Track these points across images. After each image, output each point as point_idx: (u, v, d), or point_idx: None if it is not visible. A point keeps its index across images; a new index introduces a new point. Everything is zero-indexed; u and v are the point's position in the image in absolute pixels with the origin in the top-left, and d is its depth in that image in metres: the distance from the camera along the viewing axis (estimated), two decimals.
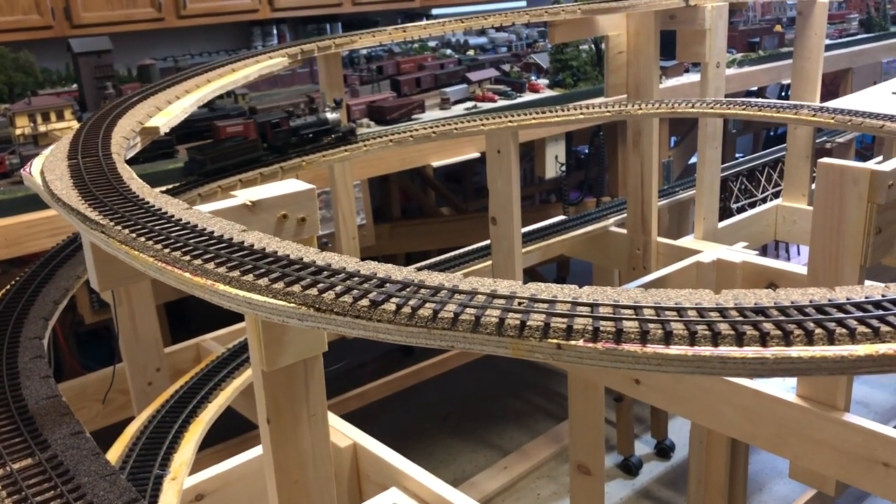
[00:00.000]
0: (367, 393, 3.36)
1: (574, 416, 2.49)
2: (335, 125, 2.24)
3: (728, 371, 0.73)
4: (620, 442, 3.92)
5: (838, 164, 1.72)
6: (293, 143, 2.18)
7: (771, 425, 1.93)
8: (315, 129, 2.22)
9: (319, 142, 2.21)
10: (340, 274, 0.87)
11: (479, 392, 4.47)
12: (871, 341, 0.74)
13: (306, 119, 2.21)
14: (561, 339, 0.75)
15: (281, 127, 2.18)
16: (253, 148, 2.15)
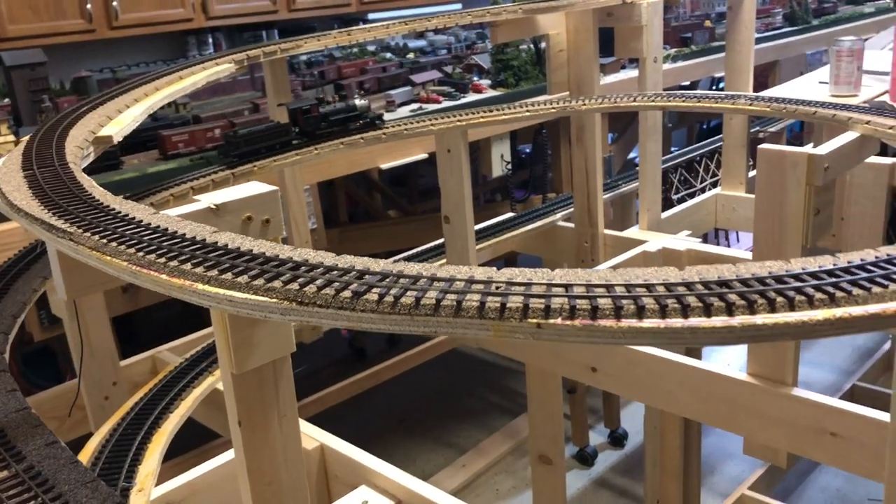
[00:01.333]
0: (326, 397, 3.36)
1: (533, 406, 2.53)
2: (363, 111, 2.35)
3: (699, 340, 0.77)
4: (575, 433, 3.99)
5: (778, 150, 1.80)
6: (323, 128, 2.30)
7: (724, 404, 2.00)
8: (344, 115, 2.33)
9: (348, 127, 2.33)
10: (319, 268, 0.88)
11: (435, 392, 4.50)
12: (827, 307, 0.80)
13: (336, 106, 2.35)
14: (540, 319, 0.78)
15: (311, 113, 2.29)
16: (285, 132, 2.26)
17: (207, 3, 4.67)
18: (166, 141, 2.72)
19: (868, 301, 0.80)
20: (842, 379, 4.37)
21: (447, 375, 4.59)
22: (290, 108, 2.29)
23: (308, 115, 2.29)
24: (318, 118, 2.30)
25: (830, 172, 1.76)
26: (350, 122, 2.35)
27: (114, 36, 4.46)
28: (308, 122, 2.29)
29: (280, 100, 2.49)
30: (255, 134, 2.22)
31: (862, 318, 0.78)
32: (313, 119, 2.29)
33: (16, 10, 4.02)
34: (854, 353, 4.76)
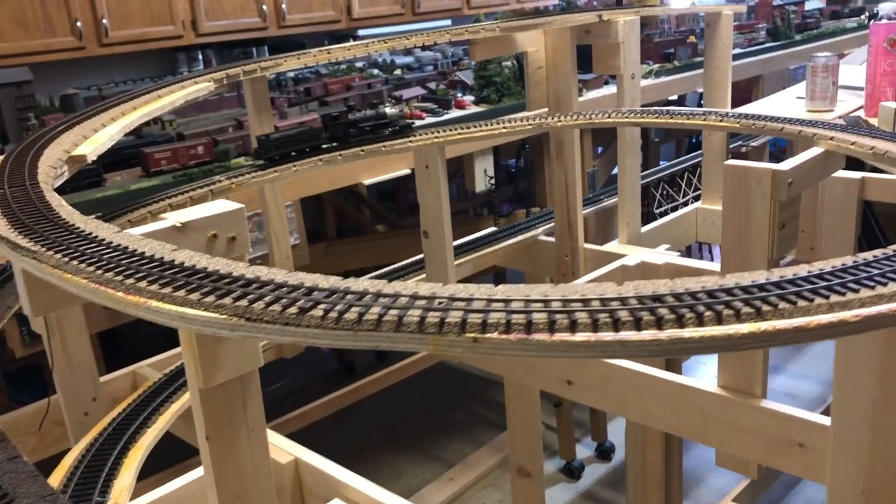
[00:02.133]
0: (309, 413, 3.38)
1: (512, 420, 2.56)
2: (393, 119, 2.44)
3: (628, 353, 0.80)
4: (562, 446, 4.01)
5: (742, 165, 1.84)
6: (352, 134, 2.40)
7: (696, 416, 2.03)
8: (373, 122, 2.42)
9: (377, 134, 2.43)
10: (269, 285, 0.91)
11: (422, 406, 4.51)
12: (754, 320, 0.83)
13: (366, 113, 2.45)
14: (477, 333, 0.81)
15: (340, 119, 2.41)
16: (315, 136, 2.37)
17: (197, 20, 4.71)
18: (149, 158, 2.75)
19: (794, 314, 0.83)
20: (828, 391, 4.40)
21: (435, 389, 4.61)
22: (321, 115, 2.38)
23: (337, 121, 2.40)
24: (346, 124, 2.39)
25: (794, 187, 1.80)
26: (380, 129, 2.43)
27: (104, 53, 4.50)
28: (336, 128, 2.40)
29: (261, 118, 2.53)
30: (287, 137, 2.33)
31: (787, 330, 0.81)
32: (342, 125, 2.39)
33: (5, 28, 4.05)
34: None
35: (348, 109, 2.45)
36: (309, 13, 5.36)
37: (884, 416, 0.98)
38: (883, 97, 2.75)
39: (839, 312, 0.84)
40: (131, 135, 3.15)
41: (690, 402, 2.03)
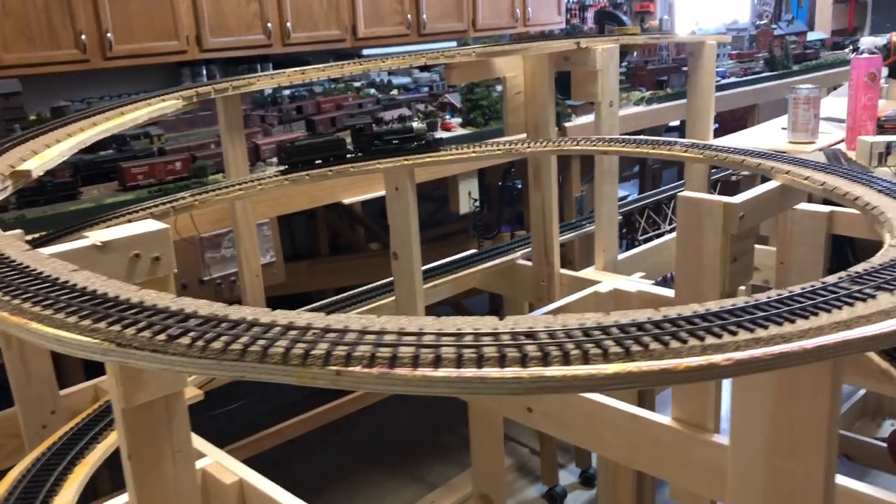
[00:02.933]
0: (284, 430, 3.37)
1: (475, 445, 2.54)
2: (420, 133, 2.45)
3: (489, 390, 0.79)
4: (544, 472, 3.97)
5: (695, 197, 1.82)
6: (376, 146, 2.42)
7: (650, 449, 2.00)
8: (399, 136, 2.44)
9: (403, 147, 2.45)
10: (149, 310, 0.91)
11: (410, 427, 4.49)
12: (622, 360, 0.81)
13: (392, 126, 2.47)
14: (340, 366, 0.81)
15: (364, 132, 2.43)
16: (340, 146, 2.40)
17: (201, 35, 4.76)
18: (125, 173, 2.77)
19: (664, 356, 0.82)
20: None
21: (423, 409, 4.59)
22: (346, 125, 2.46)
23: (361, 133, 2.42)
24: (370, 136, 2.41)
25: (746, 221, 1.78)
26: (406, 143, 2.44)
27: (108, 66, 4.55)
28: (360, 140, 2.42)
29: (233, 136, 2.54)
30: (311, 145, 2.38)
31: (653, 372, 0.80)
32: (366, 137, 2.41)
33: (10, 40, 4.11)
34: None
35: (373, 122, 2.47)
36: (314, 32, 5.40)
37: (777, 461, 0.96)
38: (863, 130, 2.74)
39: (711, 355, 0.82)
40: (112, 149, 3.19)
41: (644, 434, 2.00)
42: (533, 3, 6.36)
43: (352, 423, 4.28)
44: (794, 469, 0.95)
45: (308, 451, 4.21)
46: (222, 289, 2.88)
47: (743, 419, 0.98)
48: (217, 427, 3.58)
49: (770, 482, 0.97)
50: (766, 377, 0.94)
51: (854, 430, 4.27)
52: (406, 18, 5.82)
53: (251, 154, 3.12)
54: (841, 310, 0.91)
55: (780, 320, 0.88)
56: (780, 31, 5.71)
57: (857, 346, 0.85)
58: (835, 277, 1.00)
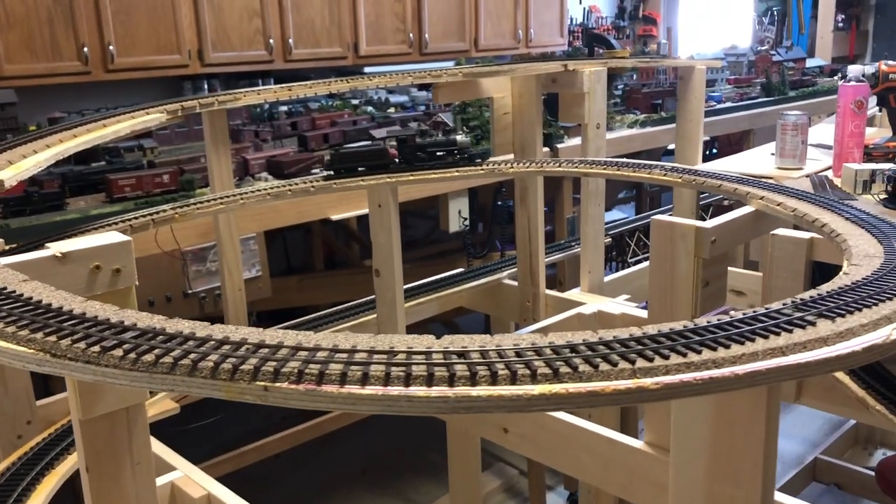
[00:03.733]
0: (266, 446, 3.36)
1: (452, 466, 2.53)
2: (463, 147, 2.47)
3: (414, 409, 0.79)
4: (532, 494, 3.95)
5: (668, 221, 1.82)
6: (419, 157, 2.46)
7: (622, 472, 1.99)
8: (442, 148, 2.47)
9: (445, 159, 2.48)
10: (88, 322, 0.92)
11: (399, 444, 4.47)
12: (549, 381, 0.81)
13: (435, 138, 2.52)
14: (268, 382, 0.81)
15: (407, 143, 2.48)
16: (383, 154, 2.45)
17: (204, 50, 4.78)
18: (113, 184, 2.79)
19: (592, 378, 0.82)
20: (811, 452, 4.31)
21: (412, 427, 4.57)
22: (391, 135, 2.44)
23: (405, 143, 2.46)
24: (413, 148, 2.45)
25: (718, 246, 1.78)
26: (448, 156, 2.46)
27: (109, 79, 4.58)
28: (402, 151, 2.46)
29: (218, 150, 2.56)
30: (357, 153, 2.45)
31: (580, 394, 0.80)
32: (408, 148, 2.45)
33: (13, 51, 4.15)
34: (826, 425, 4.69)
35: (416, 134, 2.49)
36: (316, 49, 5.42)
37: (717, 486, 0.95)
38: (850, 158, 2.74)
39: (640, 379, 0.82)
40: (104, 160, 3.21)
41: (617, 457, 1.99)
42: (535, 25, 6.39)
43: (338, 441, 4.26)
44: (734, 494, 0.94)
45: (294, 468, 4.20)
46: (206, 302, 2.89)
47: (683, 444, 0.98)
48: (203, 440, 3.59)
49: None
50: (704, 402, 0.94)
51: (845, 458, 4.24)
52: (408, 37, 5.85)
53: (240, 169, 3.14)
54: (779, 336, 0.91)
55: (715, 345, 0.88)
56: (778, 57, 5.73)
57: (791, 373, 0.85)
58: (779, 304, 1.00)
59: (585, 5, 7.62)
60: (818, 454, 4.15)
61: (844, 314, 0.97)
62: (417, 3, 5.70)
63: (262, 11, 4.89)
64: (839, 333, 0.92)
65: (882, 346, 0.92)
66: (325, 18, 5.37)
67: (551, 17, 6.57)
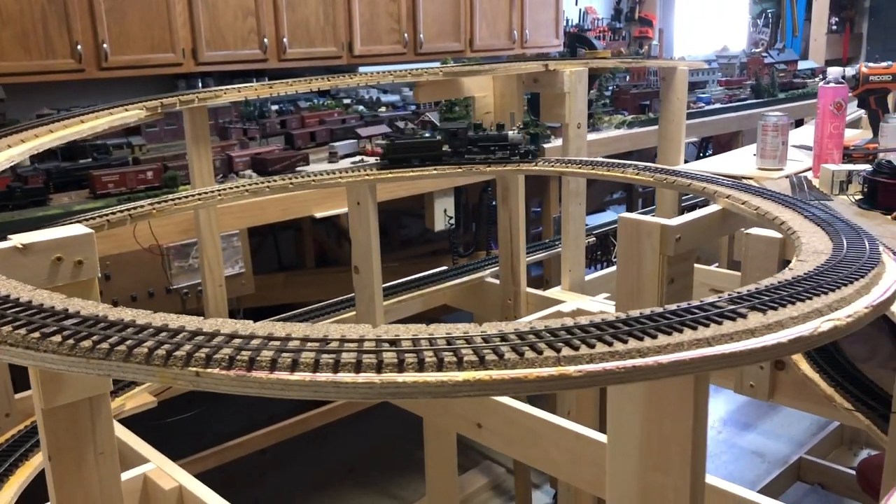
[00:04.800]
0: (251, 442, 3.38)
1: (429, 463, 2.54)
2: (515, 142, 2.46)
3: (342, 394, 0.81)
4: (518, 492, 3.97)
5: (634, 219, 1.84)
6: (469, 150, 2.48)
7: (591, 467, 2.01)
8: (494, 143, 2.46)
9: (494, 154, 2.47)
10: (33, 310, 0.94)
11: (386, 442, 4.49)
12: (475, 369, 0.83)
13: (488, 132, 2.50)
14: (200, 368, 0.83)
15: (458, 136, 2.48)
16: (435, 147, 2.48)
17: (198, 49, 4.79)
18: (96, 181, 2.81)
19: (517, 365, 0.84)
20: (797, 451, 4.33)
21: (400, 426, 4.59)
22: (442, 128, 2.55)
23: (455, 136, 2.47)
24: (463, 140, 2.47)
25: (683, 243, 1.80)
26: (499, 151, 2.46)
27: (103, 77, 4.59)
28: (452, 143, 2.47)
29: (199, 147, 2.58)
30: (410, 144, 2.48)
31: (503, 381, 0.82)
32: (458, 141, 2.47)
33: (7, 48, 4.16)
34: (813, 426, 4.71)
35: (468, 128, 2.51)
36: (310, 48, 5.43)
37: (650, 475, 0.97)
38: (829, 159, 2.75)
39: (564, 367, 0.84)
40: (89, 157, 3.23)
41: (586, 453, 2.01)
42: (531, 26, 6.39)
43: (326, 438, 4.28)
44: (664, 483, 0.96)
45: (281, 465, 4.22)
46: (188, 298, 2.91)
47: (617, 434, 1.00)
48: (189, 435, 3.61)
49: (643, 496, 0.98)
50: (636, 392, 0.96)
51: (830, 459, 4.26)
52: (403, 37, 5.86)
53: (225, 166, 3.17)
54: (708, 327, 0.93)
55: (643, 335, 0.90)
56: (770, 59, 5.75)
57: (715, 363, 0.87)
58: (715, 297, 1.02)
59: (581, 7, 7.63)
60: (803, 454, 4.17)
61: (777, 307, 0.99)
62: (412, 3, 5.70)
63: (256, 10, 4.90)
64: (768, 325, 0.94)
65: (809, 339, 0.94)
66: (319, 18, 5.38)
67: (546, 18, 6.58)
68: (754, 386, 2.39)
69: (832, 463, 4.16)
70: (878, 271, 1.18)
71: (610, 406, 0.98)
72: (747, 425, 4.90)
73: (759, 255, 2.35)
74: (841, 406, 2.01)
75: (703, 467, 0.96)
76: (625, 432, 0.96)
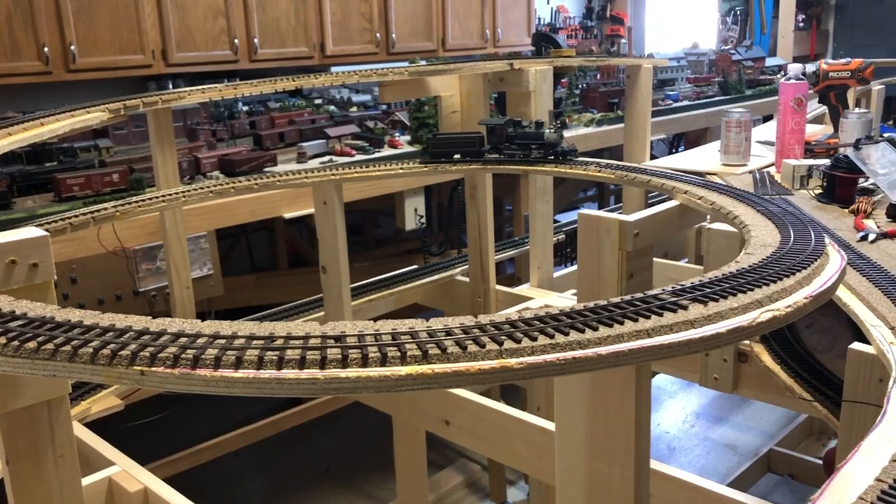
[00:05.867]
0: (224, 444, 3.37)
1: (398, 459, 2.56)
2: (551, 142, 2.40)
3: (285, 391, 0.82)
4: (493, 487, 3.99)
5: (594, 215, 1.87)
6: (509, 148, 2.45)
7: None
8: (531, 142, 2.43)
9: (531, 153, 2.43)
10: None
11: (362, 442, 4.49)
12: (419, 363, 0.85)
13: (526, 130, 2.46)
14: (144, 366, 0.84)
15: (495, 132, 2.46)
16: (475, 143, 2.47)
17: (167, 50, 4.76)
18: (61, 184, 2.80)
19: (459, 359, 0.86)
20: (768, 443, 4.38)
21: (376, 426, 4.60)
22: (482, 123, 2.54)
23: (492, 133, 2.47)
24: (500, 137, 2.45)
25: (641, 239, 1.83)
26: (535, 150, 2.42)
27: (71, 79, 4.55)
28: (490, 139, 2.47)
29: (164, 148, 2.57)
30: (452, 139, 2.49)
31: (445, 374, 0.84)
32: (496, 138, 2.46)
33: None
34: (784, 418, 4.77)
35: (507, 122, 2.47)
36: (282, 48, 5.41)
37: (596, 465, 0.99)
38: (791, 154, 2.80)
39: (506, 359, 0.86)
40: (54, 161, 3.21)
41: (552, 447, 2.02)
42: (503, 25, 6.42)
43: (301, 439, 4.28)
44: (610, 472, 0.98)
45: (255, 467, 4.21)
46: (156, 301, 2.90)
47: (565, 424, 1.01)
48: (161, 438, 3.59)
49: (591, 484, 1.00)
50: (581, 383, 0.98)
51: (799, 450, 4.32)
52: (375, 37, 5.85)
53: (192, 167, 3.16)
54: (649, 319, 0.95)
55: (584, 328, 0.91)
56: (738, 56, 5.81)
57: (653, 354, 0.89)
58: (658, 289, 1.04)
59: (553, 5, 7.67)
60: (773, 446, 4.22)
61: (718, 299, 1.01)
62: (384, 3, 5.70)
63: (226, 11, 4.88)
64: (707, 317, 0.96)
65: (748, 329, 0.96)
66: (290, 18, 5.36)
67: (518, 17, 6.60)
68: (718, 379, 2.43)
69: (801, 454, 4.22)
70: (821, 262, 1.21)
71: (557, 398, 1.00)
72: (719, 419, 4.96)
73: (721, 250, 2.38)
74: (800, 396, 2.04)
75: (648, 455, 0.98)
76: (572, 423, 0.98)
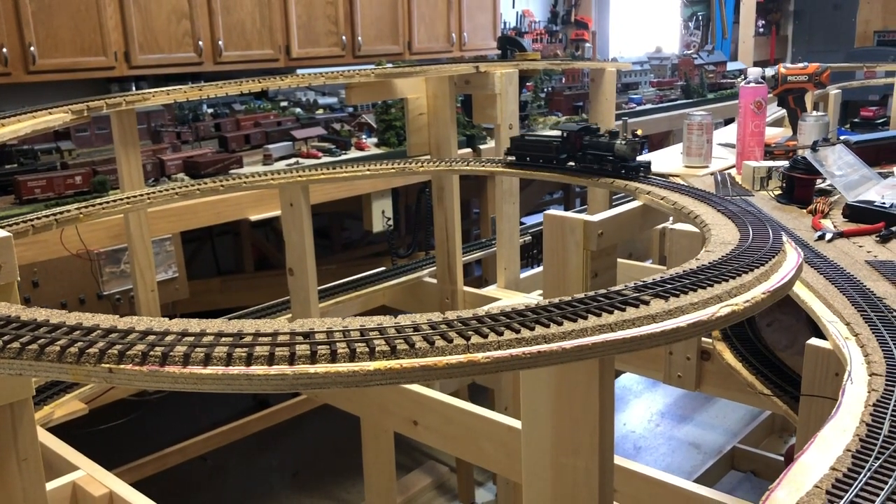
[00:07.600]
0: (190, 448, 3.34)
1: (366, 460, 2.56)
2: (622, 155, 2.24)
3: (254, 387, 0.83)
4: (461, 489, 4.00)
5: (559, 215, 1.90)
6: (581, 158, 2.35)
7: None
8: (604, 153, 2.29)
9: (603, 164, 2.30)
10: None
11: (330, 446, 4.48)
12: (387, 358, 0.86)
13: (600, 140, 2.32)
14: (113, 364, 0.84)
15: (570, 139, 2.35)
16: (554, 150, 2.36)
17: (130, 52, 4.70)
18: (22, 186, 2.76)
19: (427, 354, 0.87)
20: (731, 441, 4.45)
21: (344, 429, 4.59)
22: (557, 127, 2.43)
23: (568, 139, 2.35)
24: (573, 146, 2.35)
25: (605, 239, 1.86)
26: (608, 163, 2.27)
27: (31, 80, 4.47)
28: (566, 147, 2.35)
29: (128, 150, 2.55)
30: (534, 142, 2.40)
31: (413, 369, 0.85)
32: (570, 146, 2.35)
33: None
34: (747, 415, 4.86)
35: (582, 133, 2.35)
36: (247, 51, 5.38)
37: (562, 458, 1.01)
38: (751, 156, 2.86)
39: (473, 354, 0.87)
40: (14, 163, 3.16)
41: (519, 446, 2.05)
42: (469, 28, 6.45)
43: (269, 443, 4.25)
44: (576, 465, 1.00)
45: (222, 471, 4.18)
46: (121, 304, 2.87)
47: (531, 418, 1.03)
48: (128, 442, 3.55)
49: (556, 477, 1.02)
50: (546, 377, 1.00)
51: (762, 447, 4.40)
52: (341, 40, 5.85)
53: (156, 169, 3.13)
54: (612, 314, 0.97)
55: (549, 322, 0.93)
56: (700, 60, 5.91)
57: (617, 347, 0.91)
58: (621, 286, 1.07)
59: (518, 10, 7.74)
60: (736, 443, 4.30)
61: (679, 294, 1.04)
62: (350, 6, 5.70)
63: (190, 13, 4.84)
64: (668, 311, 0.99)
65: (707, 323, 0.99)
66: (255, 20, 5.34)
67: (484, 21, 6.64)
68: (682, 376, 2.47)
69: (764, 451, 4.30)
70: (778, 259, 1.25)
71: (523, 392, 1.02)
72: (684, 417, 5.03)
73: (683, 250, 2.43)
74: (761, 392, 2.09)
75: (612, 448, 1.01)
76: (538, 417, 1.00)
